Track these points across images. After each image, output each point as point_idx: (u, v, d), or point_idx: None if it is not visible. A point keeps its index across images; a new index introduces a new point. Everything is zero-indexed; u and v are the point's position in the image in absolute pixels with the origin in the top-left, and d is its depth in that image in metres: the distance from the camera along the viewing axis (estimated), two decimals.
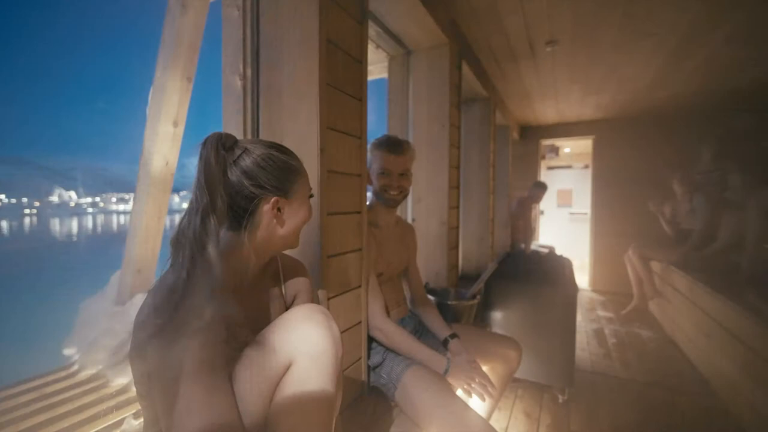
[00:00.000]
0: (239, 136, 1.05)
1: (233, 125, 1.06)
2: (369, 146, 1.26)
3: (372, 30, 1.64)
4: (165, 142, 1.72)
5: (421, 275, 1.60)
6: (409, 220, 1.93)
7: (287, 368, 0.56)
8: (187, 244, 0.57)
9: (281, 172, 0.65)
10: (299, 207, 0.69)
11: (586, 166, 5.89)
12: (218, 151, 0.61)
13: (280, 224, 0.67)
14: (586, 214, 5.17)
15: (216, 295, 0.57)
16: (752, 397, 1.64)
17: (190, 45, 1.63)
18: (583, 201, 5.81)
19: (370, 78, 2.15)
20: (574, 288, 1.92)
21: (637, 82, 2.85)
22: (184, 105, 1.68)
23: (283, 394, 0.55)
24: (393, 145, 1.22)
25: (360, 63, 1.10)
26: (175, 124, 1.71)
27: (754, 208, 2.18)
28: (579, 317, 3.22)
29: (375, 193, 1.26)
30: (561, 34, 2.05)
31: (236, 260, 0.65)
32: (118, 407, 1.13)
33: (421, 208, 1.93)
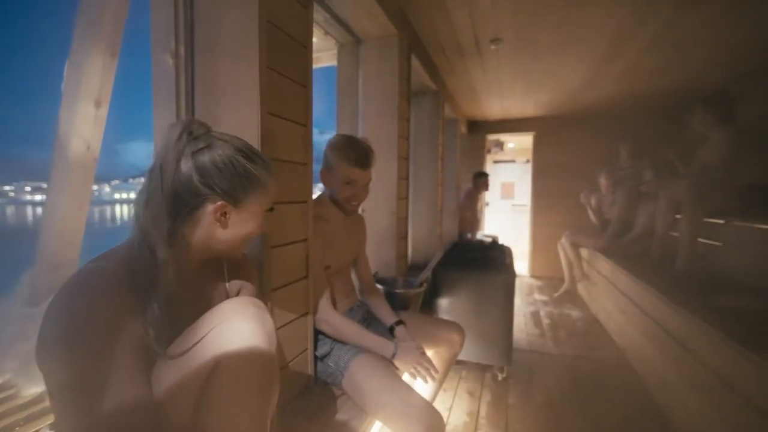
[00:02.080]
0: (171, 120, 0.98)
1: (164, 108, 0.98)
2: (331, 149, 1.18)
3: (320, 15, 1.60)
4: (85, 123, 1.53)
5: (371, 265, 1.61)
6: (359, 211, 1.93)
7: (215, 365, 0.53)
8: (134, 225, 0.56)
9: (238, 179, 0.62)
10: (249, 218, 0.66)
11: (528, 161, 6.29)
12: (181, 136, 0.58)
13: (223, 229, 0.63)
14: (526, 205, 5.54)
15: (155, 282, 0.55)
16: (657, 363, 1.89)
17: (114, 17, 1.46)
18: (525, 193, 6.21)
19: (320, 65, 2.10)
20: (513, 274, 2.06)
21: (570, 83, 3.09)
22: (107, 83, 1.52)
23: (210, 392, 0.53)
24: (361, 159, 1.16)
25: (305, 48, 1.06)
26: (98, 105, 1.53)
27: (663, 201, 2.49)
28: (518, 301, 3.46)
29: (332, 198, 1.23)
30: (504, 33, 2.15)
31: (172, 251, 0.62)
32: (30, 419, 1.02)
33: (370, 198, 1.92)
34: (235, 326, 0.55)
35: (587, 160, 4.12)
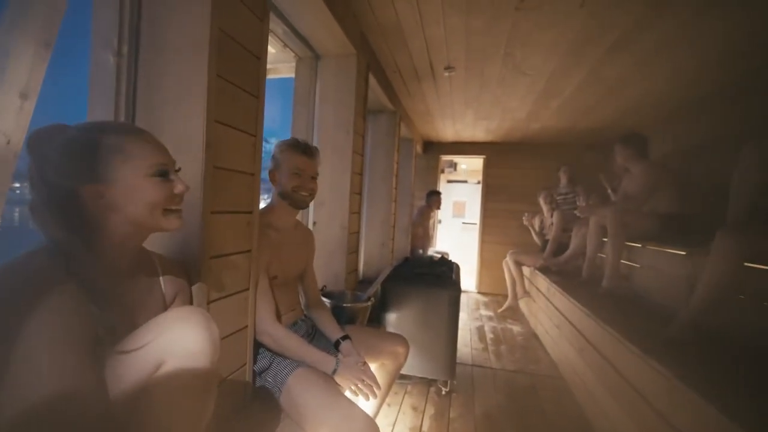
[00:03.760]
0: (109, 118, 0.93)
1: (101, 107, 0.93)
2: (277, 148, 1.24)
3: (279, 28, 1.61)
4: (7, 115, 1.38)
5: (320, 278, 1.60)
6: (311, 223, 1.92)
7: (157, 368, 0.54)
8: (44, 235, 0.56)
9: (87, 156, 0.59)
10: (135, 189, 0.60)
11: (479, 182, 6.63)
12: (40, 143, 0.59)
13: (113, 211, 0.60)
14: (476, 224, 5.80)
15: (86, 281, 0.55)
16: (584, 375, 2.04)
17: (52, 4, 1.37)
18: (475, 212, 6.51)
19: (277, 76, 2.09)
20: (458, 290, 2.14)
21: (516, 113, 3.35)
22: (38, 75, 1.38)
23: (150, 395, 0.53)
24: (306, 148, 1.24)
25: (258, 59, 1.07)
26: (24, 97, 1.39)
27: (592, 225, 2.74)
28: (465, 316, 3.59)
29: (283, 194, 1.23)
30: (456, 62, 2.30)
31: (86, 263, 0.59)
32: None
33: (322, 211, 1.94)
34: (181, 332, 0.55)
35: (532, 185, 4.44)
